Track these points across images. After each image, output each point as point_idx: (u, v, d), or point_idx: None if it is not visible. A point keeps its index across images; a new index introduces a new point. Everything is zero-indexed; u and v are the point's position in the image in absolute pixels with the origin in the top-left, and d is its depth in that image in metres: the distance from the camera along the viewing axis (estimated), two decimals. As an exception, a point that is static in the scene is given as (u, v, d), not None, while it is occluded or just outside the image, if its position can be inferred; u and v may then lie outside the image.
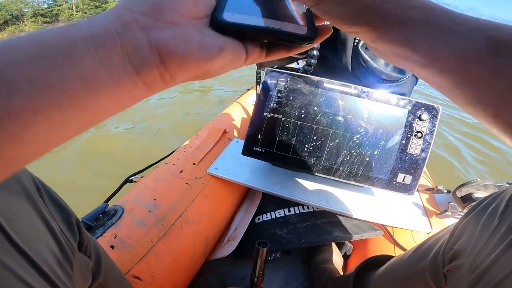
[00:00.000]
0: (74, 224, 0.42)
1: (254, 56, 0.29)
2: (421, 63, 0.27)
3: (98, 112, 0.21)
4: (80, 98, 0.19)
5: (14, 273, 0.28)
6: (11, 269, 0.28)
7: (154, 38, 0.22)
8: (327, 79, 0.88)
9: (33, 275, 0.30)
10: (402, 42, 0.27)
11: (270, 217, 1.02)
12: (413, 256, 0.61)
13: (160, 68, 0.22)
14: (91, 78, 0.19)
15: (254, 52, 0.28)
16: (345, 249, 1.05)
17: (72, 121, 0.20)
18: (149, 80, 0.23)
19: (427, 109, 0.82)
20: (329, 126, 0.87)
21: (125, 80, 0.21)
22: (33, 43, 0.18)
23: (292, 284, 1.01)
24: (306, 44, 0.30)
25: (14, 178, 0.34)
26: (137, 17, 0.22)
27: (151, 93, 0.24)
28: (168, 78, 0.24)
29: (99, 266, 0.49)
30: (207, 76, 0.27)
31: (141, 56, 0.21)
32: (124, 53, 0.21)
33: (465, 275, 0.42)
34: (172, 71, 0.23)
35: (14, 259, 0.29)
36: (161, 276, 0.74)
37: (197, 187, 0.96)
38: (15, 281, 0.28)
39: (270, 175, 1.02)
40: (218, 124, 1.31)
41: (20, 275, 0.29)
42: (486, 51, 0.24)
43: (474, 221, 0.47)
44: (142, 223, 0.78)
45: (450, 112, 3.72)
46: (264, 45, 0.30)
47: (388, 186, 0.85)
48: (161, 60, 0.22)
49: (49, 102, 0.18)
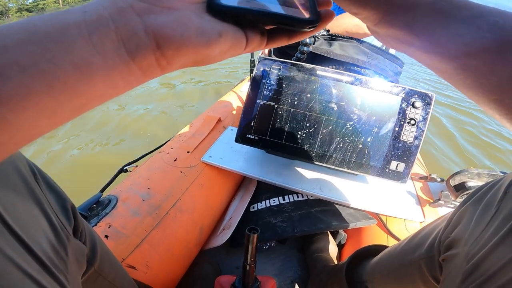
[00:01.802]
0: (69, 210, 0.42)
1: (255, 44, 0.28)
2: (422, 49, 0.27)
3: (91, 98, 0.21)
4: (73, 84, 0.19)
5: (8, 258, 0.28)
6: (5, 253, 0.28)
7: (150, 23, 0.21)
8: (320, 66, 0.88)
9: (28, 259, 0.30)
10: (404, 27, 0.27)
11: (265, 206, 1.02)
12: (408, 245, 0.61)
13: (157, 54, 0.22)
14: (84, 64, 0.19)
15: (254, 39, 0.28)
16: (340, 238, 1.05)
17: (64, 106, 0.19)
18: (145, 65, 0.22)
19: (421, 97, 0.82)
20: (322, 113, 0.87)
21: (120, 66, 0.21)
22: (24, 29, 0.18)
23: (287, 273, 1.01)
24: (308, 29, 0.29)
25: (10, 163, 0.34)
26: (133, 2, 0.22)
27: (147, 79, 0.24)
28: (164, 64, 0.23)
29: (95, 253, 0.49)
30: (205, 63, 0.26)
31: (136, 42, 0.21)
32: (119, 38, 0.20)
33: (460, 264, 0.41)
34: (169, 56, 0.23)
35: (8, 243, 0.29)
36: (155, 265, 0.74)
37: (191, 176, 0.96)
38: (9, 266, 0.28)
39: (264, 163, 1.02)
40: (213, 113, 1.30)
41: (14, 260, 0.29)
42: (489, 38, 0.24)
43: (471, 209, 0.46)
44: (136, 212, 0.78)
45: (445, 101, 3.73)
46: (265, 32, 0.29)
47: (381, 174, 0.85)
48: (157, 46, 0.22)
49: (40, 88, 0.18)
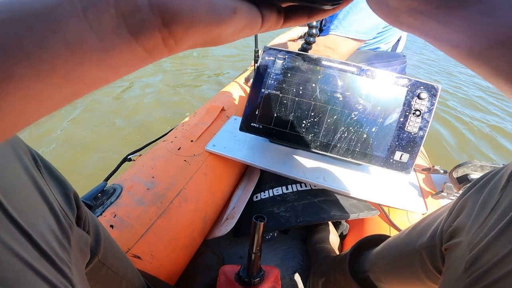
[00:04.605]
0: (72, 198, 0.41)
1: (271, 23, 0.26)
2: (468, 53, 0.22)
3: (86, 82, 0.19)
4: (62, 67, 0.17)
5: (7, 247, 0.27)
6: (4, 242, 0.27)
7: None
8: (326, 57, 0.88)
9: (28, 249, 0.29)
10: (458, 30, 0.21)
11: (268, 195, 1.02)
12: (410, 234, 0.60)
13: (163, 32, 0.19)
14: (76, 43, 0.17)
15: (270, 18, 0.26)
16: (342, 229, 1.06)
17: (54, 91, 0.18)
18: (150, 46, 0.20)
19: (427, 88, 0.82)
20: (327, 103, 0.86)
21: (120, 45, 0.18)
22: (7, 8, 0.16)
23: (289, 263, 1.02)
24: (331, 7, 0.26)
25: (10, 148, 0.33)
26: None
27: (152, 60, 0.21)
28: (172, 44, 0.21)
29: (98, 242, 0.48)
30: (217, 43, 0.24)
31: (139, 18, 0.18)
32: (119, 14, 0.18)
33: (463, 252, 0.41)
34: (177, 35, 0.20)
35: (8, 232, 0.28)
36: (160, 255, 0.75)
37: (195, 164, 0.96)
38: (9, 255, 0.27)
39: (268, 152, 1.02)
40: (216, 102, 1.30)
41: (13, 249, 0.27)
42: None
43: (473, 197, 0.46)
44: (141, 201, 0.78)
45: (451, 91, 3.71)
46: (281, 10, 0.27)
47: (385, 164, 0.85)
48: (163, 23, 0.19)
49: (24, 71, 0.16)
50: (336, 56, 1.24)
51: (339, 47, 1.25)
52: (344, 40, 1.24)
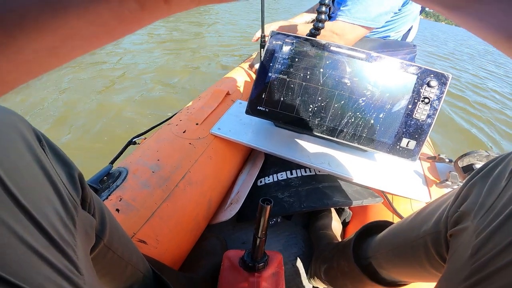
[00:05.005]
0: (76, 179, 0.39)
1: None
2: None
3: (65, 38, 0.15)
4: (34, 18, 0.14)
5: (11, 230, 0.26)
6: (7, 225, 0.26)
7: None
8: (334, 42, 0.86)
9: (33, 232, 0.28)
10: None
11: (272, 180, 1.02)
12: (414, 220, 0.59)
13: None
14: None
15: None
16: (345, 216, 1.06)
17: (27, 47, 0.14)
18: None
19: (437, 76, 0.80)
20: (334, 88, 0.86)
21: None
22: None
23: (291, 249, 1.03)
24: None
25: (13, 127, 0.31)
26: None
27: (146, 14, 0.17)
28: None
29: (104, 226, 0.46)
30: None
31: None
32: None
33: (469, 238, 0.40)
34: None
35: (11, 214, 0.27)
36: (165, 239, 0.74)
37: (200, 147, 0.96)
38: (12, 238, 0.26)
39: (273, 136, 1.02)
40: (221, 87, 1.29)
41: (17, 232, 0.26)
42: None
43: (480, 183, 0.45)
44: (146, 185, 0.78)
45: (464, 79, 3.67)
46: None
47: (391, 151, 0.84)
48: None
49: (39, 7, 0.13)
50: (342, 42, 1.23)
51: (346, 34, 1.23)
52: (352, 26, 1.22)
